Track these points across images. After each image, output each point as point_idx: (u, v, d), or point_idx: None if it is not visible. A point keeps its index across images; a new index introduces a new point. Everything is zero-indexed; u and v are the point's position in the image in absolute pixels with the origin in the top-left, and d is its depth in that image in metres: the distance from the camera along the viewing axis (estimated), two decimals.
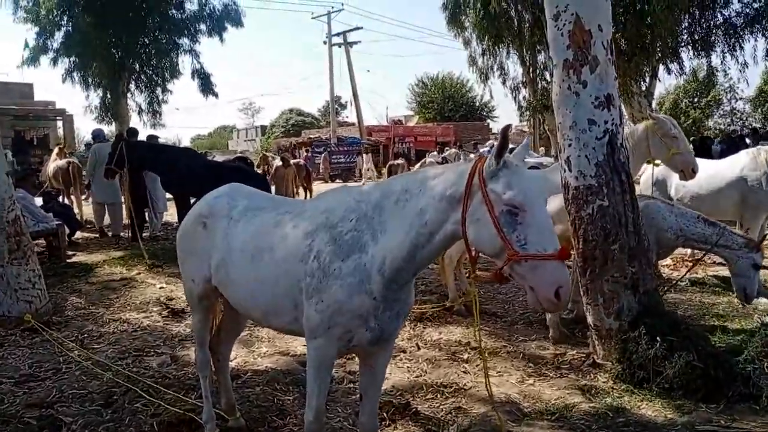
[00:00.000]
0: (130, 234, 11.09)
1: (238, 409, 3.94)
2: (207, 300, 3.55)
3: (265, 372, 4.83)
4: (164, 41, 15.84)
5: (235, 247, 3.17)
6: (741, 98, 39.36)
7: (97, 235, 11.98)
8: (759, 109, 38.54)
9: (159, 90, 16.22)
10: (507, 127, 2.39)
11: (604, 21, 4.64)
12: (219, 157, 20.08)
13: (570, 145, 4.71)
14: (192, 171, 9.09)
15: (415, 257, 2.61)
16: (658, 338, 4.21)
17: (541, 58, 20.35)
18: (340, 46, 39.47)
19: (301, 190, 17.46)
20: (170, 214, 13.44)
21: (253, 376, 4.77)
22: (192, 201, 9.46)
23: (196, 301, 3.56)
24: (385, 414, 3.96)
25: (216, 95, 17.33)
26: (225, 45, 20.65)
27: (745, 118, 39.92)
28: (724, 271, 7.78)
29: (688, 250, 8.24)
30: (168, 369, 4.94)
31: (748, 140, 18.99)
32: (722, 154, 12.73)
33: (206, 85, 16.92)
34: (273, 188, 13.60)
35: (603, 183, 4.59)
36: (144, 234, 10.86)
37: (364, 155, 30.56)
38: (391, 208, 2.66)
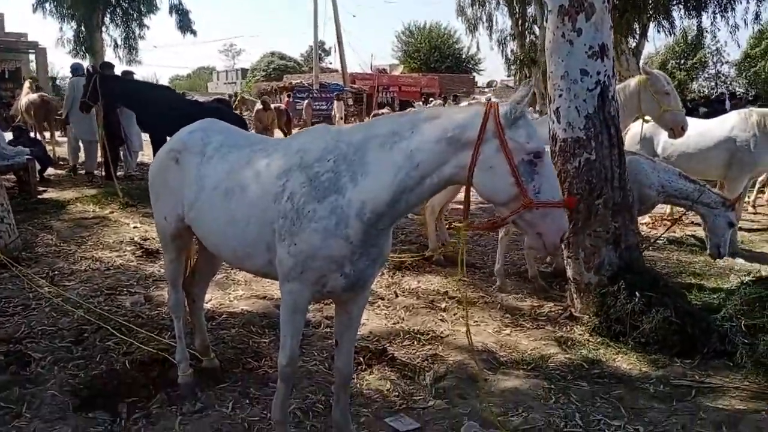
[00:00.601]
0: (104, 172, 10.80)
1: (213, 350, 3.89)
2: (180, 239, 3.43)
3: (240, 314, 4.77)
4: None
5: (207, 185, 3.04)
6: (727, 62, 39.35)
7: (71, 173, 11.68)
8: (744, 74, 38.58)
9: (135, 25, 15.60)
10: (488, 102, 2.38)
11: None
12: (198, 99, 19.55)
13: (560, 96, 4.59)
14: (169, 110, 8.80)
15: (400, 201, 2.51)
16: (636, 293, 4.21)
17: (530, 10, 19.99)
18: None
19: (280, 134, 17.19)
20: (146, 154, 13.15)
21: (228, 318, 4.71)
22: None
23: (168, 241, 3.44)
24: (361, 359, 3.95)
25: (194, 33, 16.80)
26: None
27: (729, 82, 39.99)
28: (701, 231, 7.88)
29: (667, 209, 8.30)
30: (141, 308, 4.87)
31: (727, 104, 19.01)
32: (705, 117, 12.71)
33: (184, 22, 16.35)
34: (252, 131, 13.32)
35: (592, 136, 4.50)
36: (118, 173, 10.59)
37: (336, 102, 29.84)
38: (376, 151, 2.53)
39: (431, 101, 24.94)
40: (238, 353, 4.07)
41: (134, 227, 7.50)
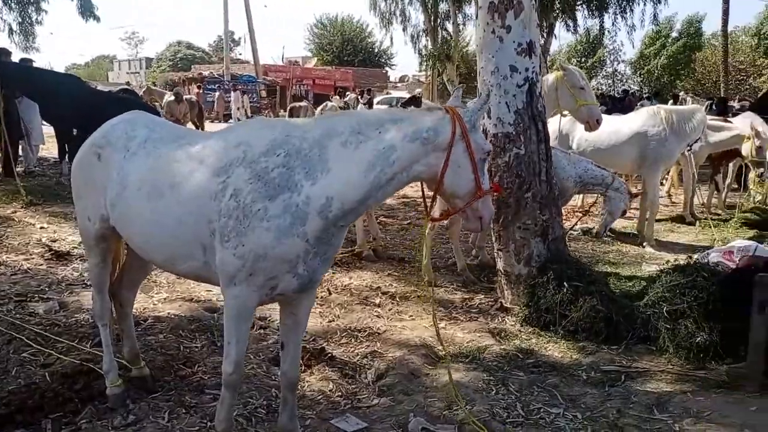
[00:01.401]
0: (1, 168, 9.97)
1: (142, 357, 3.67)
2: (105, 241, 3.19)
3: (168, 319, 4.54)
4: None
5: (131, 183, 2.84)
6: (623, 61, 41.87)
7: None
8: (638, 72, 41.20)
9: (32, 9, 14.47)
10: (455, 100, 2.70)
11: None
12: (102, 89, 18.49)
13: (490, 91, 4.68)
14: (76, 100, 8.23)
15: (370, 198, 2.55)
16: (565, 284, 4.39)
17: (443, 6, 20.35)
18: None
19: (192, 128, 16.56)
20: (46, 149, 12.29)
21: (154, 323, 4.47)
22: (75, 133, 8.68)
23: (92, 243, 3.20)
24: (300, 360, 3.85)
25: (97, 19, 15.78)
26: None
27: (625, 80, 42.58)
28: (614, 223, 8.34)
29: (579, 201, 8.72)
30: (57, 316, 4.51)
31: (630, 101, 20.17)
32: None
33: (86, 7, 15.32)
34: None
35: (521, 131, 4.63)
36: (17, 168, 9.81)
37: (233, 93, 29.01)
38: (337, 148, 2.51)
39: (347, 95, 24.83)
40: (168, 360, 3.86)
41: (41, 228, 6.97)
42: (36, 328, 4.15)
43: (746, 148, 8.02)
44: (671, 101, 16.12)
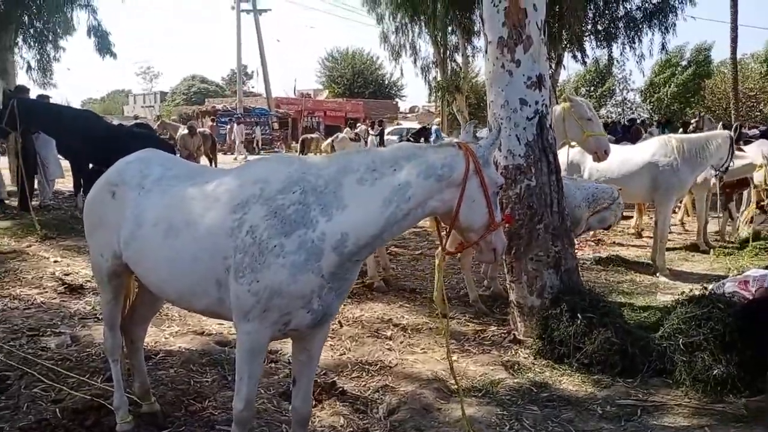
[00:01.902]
0: (17, 202, 10.11)
1: (152, 392, 3.65)
2: (117, 278, 3.20)
3: (179, 353, 4.53)
4: None
5: (146, 221, 2.87)
6: (632, 89, 42.06)
7: None
8: (648, 100, 41.32)
9: (50, 46, 14.83)
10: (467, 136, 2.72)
11: (539, 1, 4.65)
12: (116, 123, 18.81)
13: (501, 124, 4.71)
14: (91, 135, 8.39)
15: (385, 233, 2.59)
16: (578, 315, 4.34)
17: (452, 39, 20.63)
18: (248, 13, 38.06)
19: (206, 161, 16.75)
20: (61, 182, 12.46)
21: (165, 357, 4.46)
22: (90, 167, 8.81)
23: (105, 279, 3.21)
24: (312, 395, 3.82)
25: (114, 56, 16.10)
26: (125, 3, 19.25)
27: (635, 108, 42.70)
28: (624, 252, 8.29)
29: (591, 232, 8.67)
30: (68, 350, 4.51)
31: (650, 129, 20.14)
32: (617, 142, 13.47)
33: (104, 44, 15.65)
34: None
35: (532, 163, 4.64)
36: (33, 202, 9.95)
37: (236, 126, 29.28)
38: (352, 185, 2.55)
39: (358, 126, 25.07)
40: (179, 395, 3.84)
41: (55, 261, 7.03)
42: (47, 362, 4.15)
43: (758, 177, 7.97)
44: (680, 129, 16.07)
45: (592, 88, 40.76)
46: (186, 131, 14.56)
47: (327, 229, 2.50)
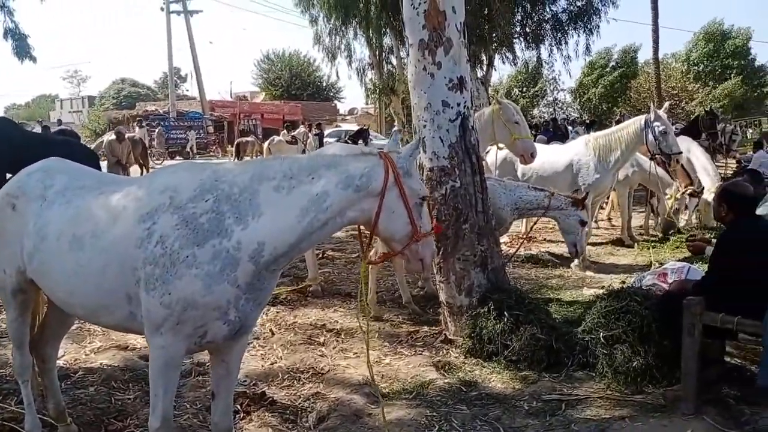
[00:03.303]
0: None
1: (69, 413, 3.49)
2: (23, 294, 3.05)
3: (100, 369, 4.35)
4: None
5: (50, 233, 2.74)
6: (562, 89, 43.41)
7: None
8: (578, 100, 42.76)
9: None
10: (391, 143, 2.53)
11: (458, 3, 4.71)
12: (38, 129, 17.93)
13: (425, 126, 4.75)
14: (7, 144, 7.94)
15: (303, 242, 2.56)
16: (505, 313, 4.41)
17: (387, 40, 20.73)
18: (179, 14, 37.06)
19: (137, 168, 16.19)
20: None
21: (85, 374, 4.28)
22: (8, 178, 8.36)
23: (9, 297, 3.05)
24: (239, 406, 3.74)
25: (34, 60, 15.31)
26: (45, 5, 18.36)
27: (565, 108, 44.11)
28: (554, 248, 8.52)
29: (523, 227, 8.88)
30: None
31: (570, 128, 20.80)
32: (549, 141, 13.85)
33: (22, 48, 14.88)
34: (104, 164, 12.41)
35: (456, 164, 4.69)
36: None
37: (156, 130, 28.62)
38: (268, 193, 2.50)
39: (299, 129, 24.84)
40: (99, 414, 3.70)
41: None
42: None
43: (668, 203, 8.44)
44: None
45: (524, 89, 41.84)
46: (113, 137, 14.00)
47: (243, 237, 2.44)
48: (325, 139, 24.74)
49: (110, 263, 2.56)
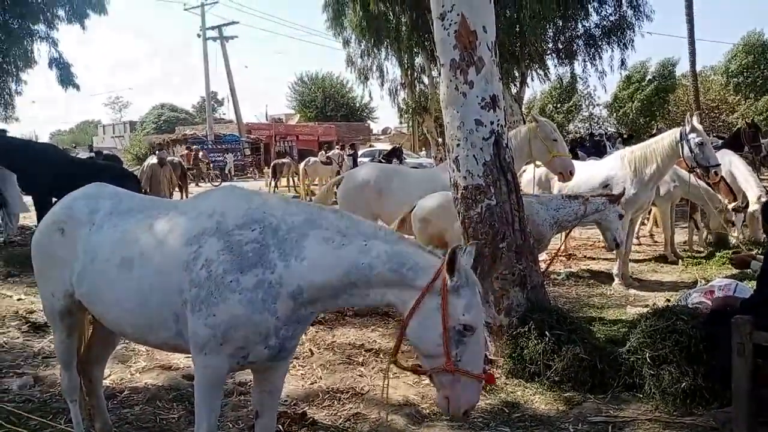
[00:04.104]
0: None
1: None
2: (70, 316, 3.14)
3: (145, 389, 4.43)
4: (16, 26, 14.31)
5: (99, 256, 2.82)
6: (598, 104, 42.88)
7: None
8: (614, 114, 42.16)
9: (11, 80, 14.62)
10: (455, 250, 2.29)
11: (489, 23, 4.73)
12: (83, 155, 18.55)
13: (458, 145, 4.76)
14: (53, 169, 8.27)
15: (339, 299, 2.53)
16: (546, 333, 4.35)
17: (418, 60, 20.86)
18: (215, 41, 38.07)
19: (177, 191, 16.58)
20: (27, 217, 12.20)
21: (131, 394, 4.36)
22: (54, 202, 8.66)
23: (57, 319, 3.14)
24: (280, 426, 3.74)
25: (77, 87, 15.93)
26: (90, 35, 19.12)
27: (601, 123, 43.52)
28: (595, 265, 8.37)
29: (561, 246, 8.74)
30: (31, 391, 4.41)
31: (608, 143, 20.53)
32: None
33: (66, 76, 15.49)
34: (147, 189, 12.73)
35: (491, 182, 4.67)
36: None
37: (200, 153, 29.26)
38: (317, 241, 2.48)
39: (335, 151, 25.12)
40: None
41: (18, 299, 6.86)
42: (9, 405, 4.05)
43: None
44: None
45: (558, 105, 41.47)
46: (155, 161, 14.41)
47: (285, 274, 2.47)
48: (359, 160, 24.96)
49: (158, 284, 2.62)
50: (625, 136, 21.01)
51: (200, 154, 28.75)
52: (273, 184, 22.60)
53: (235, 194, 2.77)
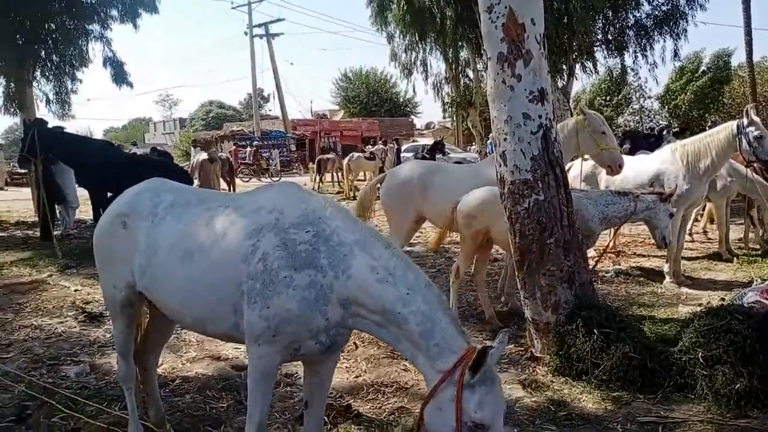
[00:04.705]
0: (40, 231, 10.32)
1: (168, 420, 3.68)
2: (131, 307, 3.24)
3: (195, 378, 4.56)
4: (72, 27, 14.84)
5: (162, 248, 2.90)
6: (649, 97, 41.58)
7: (3, 234, 11.13)
8: (666, 107, 40.83)
9: (67, 79, 15.15)
10: (485, 349, 2.23)
11: (537, 15, 4.64)
12: (136, 151, 19.12)
13: (505, 140, 4.70)
14: (109, 164, 8.56)
15: (381, 329, 2.53)
16: (594, 330, 4.27)
17: (463, 54, 20.69)
18: (261, 38, 38.64)
19: (224, 185, 16.92)
20: (83, 211, 12.67)
21: (182, 383, 4.49)
22: (109, 196, 8.97)
23: (117, 309, 3.24)
24: (326, 418, 3.80)
25: (131, 85, 16.35)
26: (140, 34, 19.61)
27: (653, 116, 42.20)
28: (645, 262, 8.17)
29: (610, 242, 8.56)
30: (87, 379, 4.58)
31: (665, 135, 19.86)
32: (630, 152, 13.27)
33: (119, 75, 15.92)
34: (196, 183, 13.06)
35: (539, 177, 4.60)
36: (55, 232, 10.13)
37: (248, 149, 29.47)
38: (364, 267, 2.50)
39: (378, 146, 25.22)
40: (195, 421, 3.86)
41: (75, 290, 7.13)
42: (67, 391, 4.21)
43: None
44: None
45: (607, 98, 40.44)
46: (205, 157, 14.76)
47: (335, 283, 2.51)
48: (402, 155, 24.96)
49: (218, 276, 2.69)
50: (676, 129, 20.30)
51: (248, 150, 29.22)
52: (317, 179, 22.83)
53: (293, 192, 2.82)
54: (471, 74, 21.23)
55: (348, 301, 2.51)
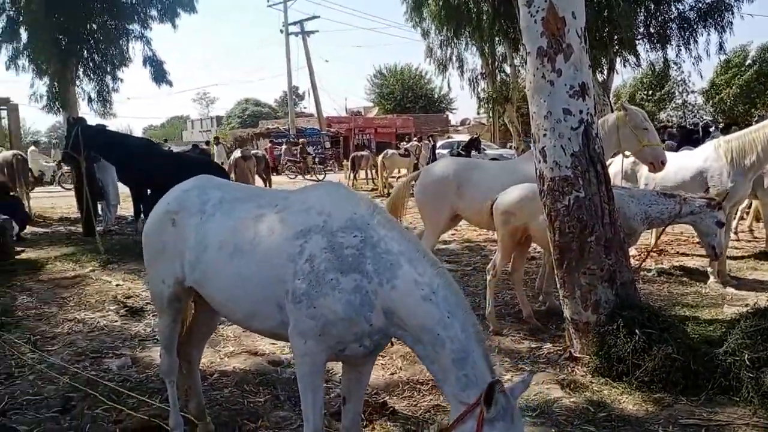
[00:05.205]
0: (82, 227, 10.61)
1: (207, 413, 3.73)
2: (178, 302, 3.28)
3: (233, 373, 4.62)
4: (113, 27, 15.17)
5: (211, 244, 2.93)
6: (693, 91, 40.51)
7: (47, 230, 11.46)
8: (710, 101, 39.71)
9: (108, 78, 15.49)
10: (493, 385, 2.19)
11: (578, 8, 4.54)
12: (175, 148, 19.49)
13: (545, 135, 4.61)
14: (150, 162, 8.74)
15: (417, 345, 2.50)
16: (636, 331, 4.16)
17: (500, 49, 20.47)
18: (297, 35, 38.93)
19: (260, 182, 17.14)
20: (123, 207, 12.97)
21: (220, 377, 4.55)
22: (149, 193, 9.16)
23: (165, 304, 3.28)
24: (362, 414, 3.81)
25: (170, 84, 16.58)
26: (178, 33, 19.90)
27: (696, 111, 41.12)
28: (689, 261, 7.95)
29: (652, 240, 8.36)
30: (129, 371, 4.68)
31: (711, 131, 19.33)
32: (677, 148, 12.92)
33: (159, 73, 16.19)
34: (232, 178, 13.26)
35: (579, 174, 4.51)
36: (97, 228, 10.40)
37: (283, 146, 29.63)
38: (408, 280, 2.47)
39: (413, 143, 25.15)
40: (233, 415, 3.91)
41: (117, 285, 7.30)
42: (109, 384, 4.31)
43: None
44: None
45: (649, 92, 39.56)
46: (239, 154, 14.97)
47: (379, 290, 2.50)
48: (437, 151, 24.85)
49: (265, 273, 2.71)
50: (722, 124, 19.70)
51: (283, 147, 29.43)
52: (352, 176, 22.90)
53: (342, 195, 2.82)
54: (508, 69, 20.98)
55: (391, 310, 2.49)
